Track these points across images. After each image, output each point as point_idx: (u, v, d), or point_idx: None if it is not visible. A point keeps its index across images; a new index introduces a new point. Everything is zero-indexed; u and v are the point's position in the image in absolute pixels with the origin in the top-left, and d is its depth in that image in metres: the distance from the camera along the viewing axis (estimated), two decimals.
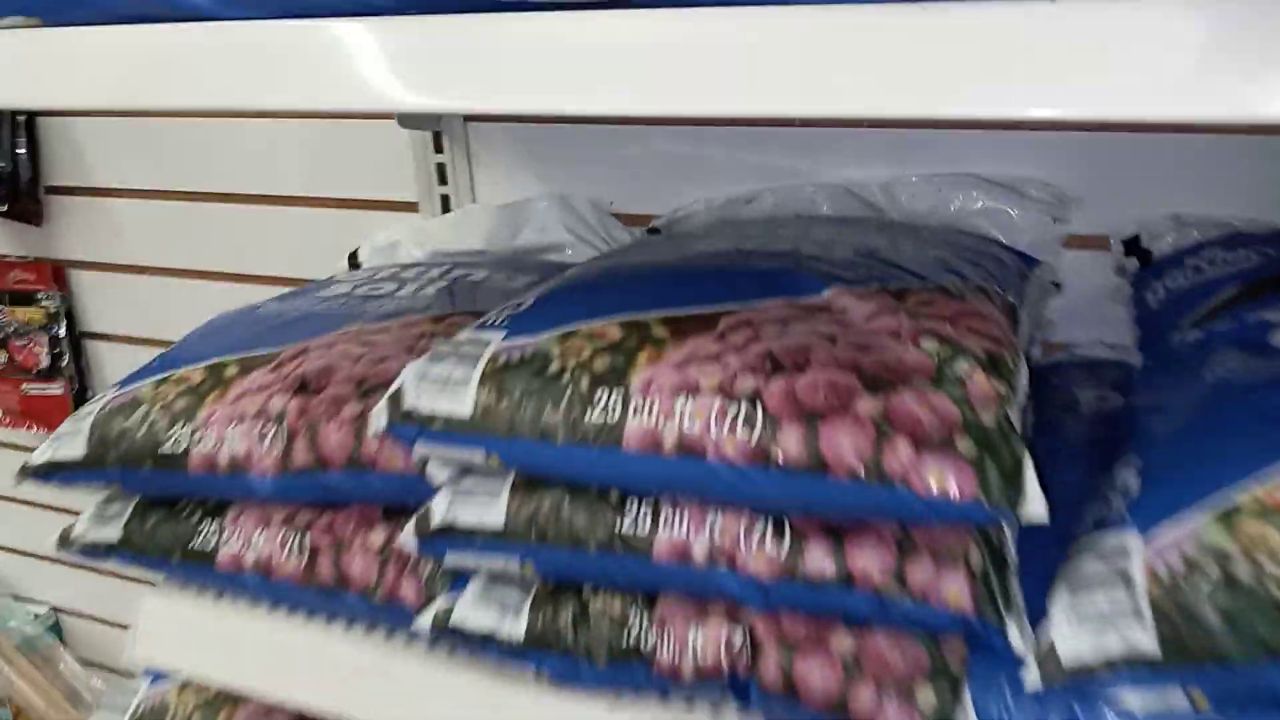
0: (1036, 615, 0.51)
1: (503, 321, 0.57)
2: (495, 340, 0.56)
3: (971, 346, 0.51)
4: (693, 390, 0.50)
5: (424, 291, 0.77)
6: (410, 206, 1.03)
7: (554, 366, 0.53)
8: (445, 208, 1.01)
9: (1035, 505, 0.44)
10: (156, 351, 0.74)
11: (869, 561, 0.48)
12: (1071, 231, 0.82)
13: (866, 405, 0.48)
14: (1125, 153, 0.81)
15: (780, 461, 0.47)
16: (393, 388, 0.55)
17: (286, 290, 0.83)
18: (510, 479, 0.55)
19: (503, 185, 1.00)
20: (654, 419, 0.50)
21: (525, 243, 0.93)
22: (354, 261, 0.99)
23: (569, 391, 0.52)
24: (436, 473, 0.57)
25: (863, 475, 0.46)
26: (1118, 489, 0.51)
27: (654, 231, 0.90)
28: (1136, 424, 0.56)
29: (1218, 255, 0.72)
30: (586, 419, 0.51)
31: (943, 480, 0.45)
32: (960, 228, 0.81)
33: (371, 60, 0.43)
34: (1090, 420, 0.71)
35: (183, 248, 1.21)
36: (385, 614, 0.62)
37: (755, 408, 0.48)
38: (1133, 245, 0.79)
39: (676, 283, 0.59)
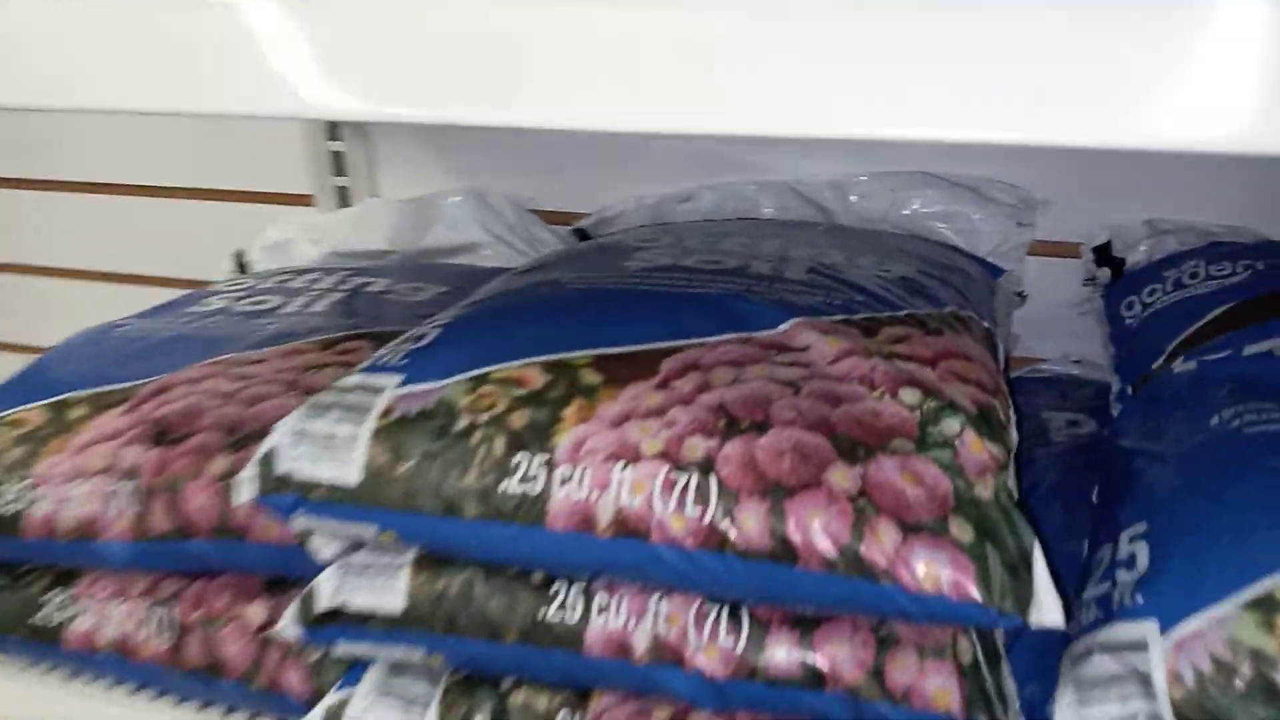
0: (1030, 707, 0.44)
1: (400, 361, 0.48)
2: (390, 387, 0.46)
3: (958, 397, 0.43)
4: (632, 456, 0.41)
5: (315, 306, 0.66)
6: (303, 200, 0.92)
7: (462, 423, 0.44)
8: (344, 201, 0.90)
9: (1049, 608, 0.36)
10: (19, 362, 0.63)
11: (842, 656, 0.41)
12: (1037, 237, 0.75)
13: (841, 476, 0.39)
14: (1095, 151, 0.74)
15: (738, 546, 0.39)
16: (263, 448, 0.45)
17: (162, 302, 0.72)
18: (412, 554, 0.46)
19: (409, 177, 0.89)
20: (586, 491, 0.41)
21: (435, 242, 0.83)
22: (240, 262, 0.88)
23: (481, 455, 0.42)
24: (322, 547, 0.47)
25: (839, 566, 0.38)
26: (1121, 560, 0.44)
27: (581, 234, 0.81)
28: (1132, 474, 0.50)
29: (1199, 268, 0.65)
30: (503, 490, 0.42)
31: (935, 574, 0.37)
32: (918, 233, 0.74)
33: (292, 54, 0.33)
34: (1064, 452, 0.64)
35: (51, 243, 1.07)
36: (267, 704, 0.52)
37: (708, 478, 0.40)
38: (1104, 253, 0.72)
39: (610, 312, 0.50)
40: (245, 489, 0.45)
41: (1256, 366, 0.51)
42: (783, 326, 0.48)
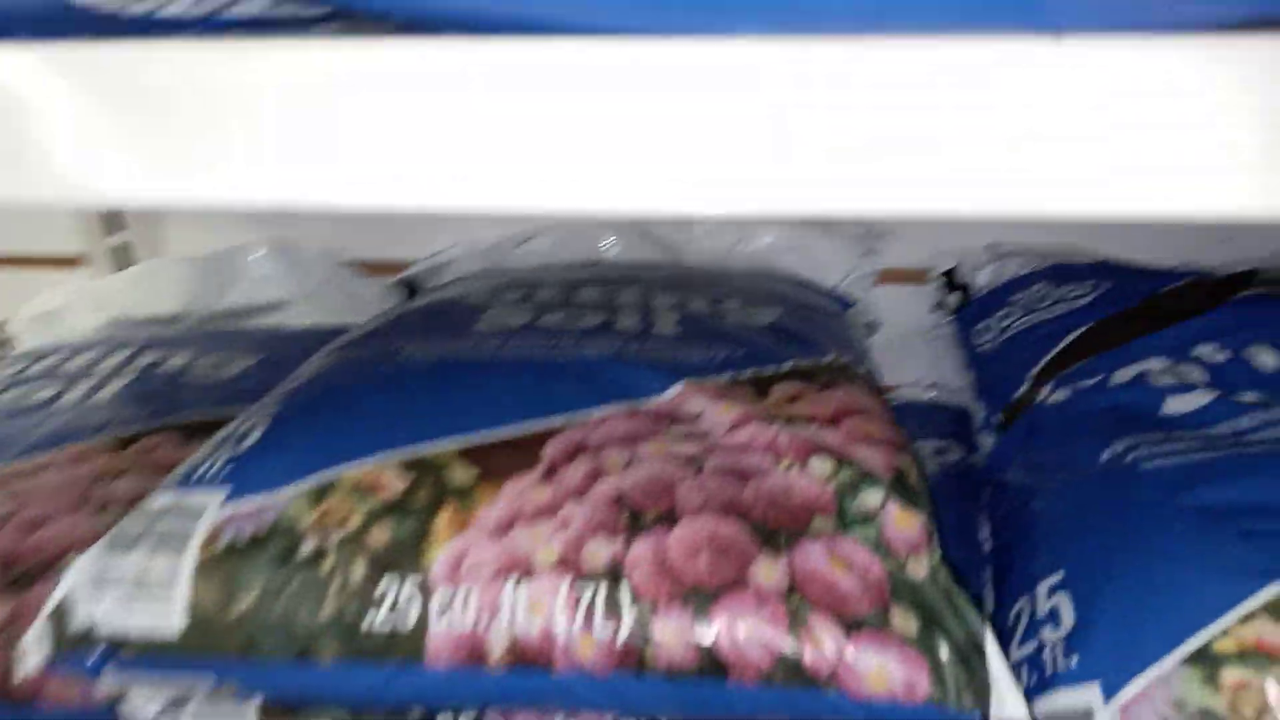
0: None
1: (220, 470, 0.39)
2: (212, 506, 0.38)
3: (871, 463, 0.40)
4: (525, 569, 0.35)
5: (100, 394, 0.56)
6: (74, 262, 0.79)
7: (308, 545, 0.36)
8: (124, 262, 0.78)
9: (1010, 701, 0.33)
10: None
11: None
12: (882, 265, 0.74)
13: (767, 571, 0.35)
14: None
15: (660, 666, 0.34)
16: (52, 600, 0.36)
17: None
18: (258, 701, 0.38)
19: (202, 231, 0.78)
20: (471, 618, 0.34)
21: (236, 303, 0.73)
22: (1, 339, 0.74)
23: (337, 585, 0.35)
24: (141, 706, 0.38)
25: (777, 677, 0.33)
26: (1043, 616, 0.42)
27: (407, 286, 0.73)
28: (1031, 515, 0.48)
29: (1047, 291, 0.66)
30: (368, 625, 0.35)
31: (884, 675, 0.33)
32: (766, 269, 0.71)
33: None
34: (938, 484, 0.62)
35: None
36: None
37: (618, 588, 0.34)
38: (951, 279, 0.72)
39: (471, 389, 0.43)
40: (33, 654, 0.36)
41: (1131, 393, 0.51)
42: (670, 392, 0.43)
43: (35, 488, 0.46)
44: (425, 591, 0.35)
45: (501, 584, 0.34)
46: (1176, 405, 0.48)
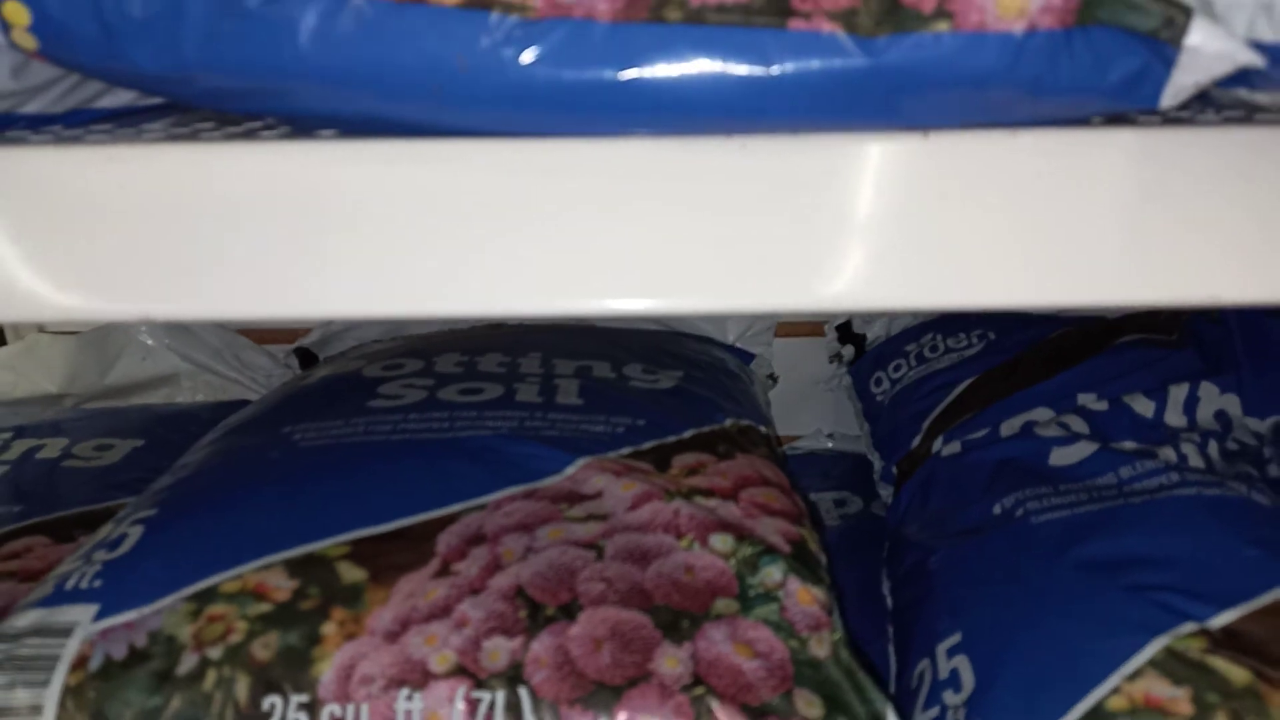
0: None
1: (91, 582, 0.37)
2: (82, 624, 0.35)
3: (770, 535, 0.40)
4: (420, 678, 0.34)
5: None
6: None
7: (188, 662, 0.34)
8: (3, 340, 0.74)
9: None
10: None
11: None
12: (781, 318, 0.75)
13: (671, 662, 0.34)
14: None
15: None
16: None
17: None
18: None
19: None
20: None
21: (122, 379, 0.70)
22: None
23: (219, 706, 0.33)
24: None
25: None
26: (944, 680, 0.42)
27: (304, 355, 0.71)
28: (928, 573, 0.48)
29: (938, 341, 0.67)
30: None
31: None
32: (671, 326, 0.71)
33: None
34: (840, 538, 0.63)
35: None
36: None
37: (518, 692, 0.33)
38: (846, 330, 0.73)
39: (362, 477, 0.42)
40: None
41: (1019, 446, 0.52)
42: (569, 470, 0.43)
43: None
44: (313, 710, 0.33)
45: (395, 697, 0.33)
46: (1061, 456, 0.50)
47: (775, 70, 0.23)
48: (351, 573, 0.37)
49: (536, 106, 0.24)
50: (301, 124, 0.28)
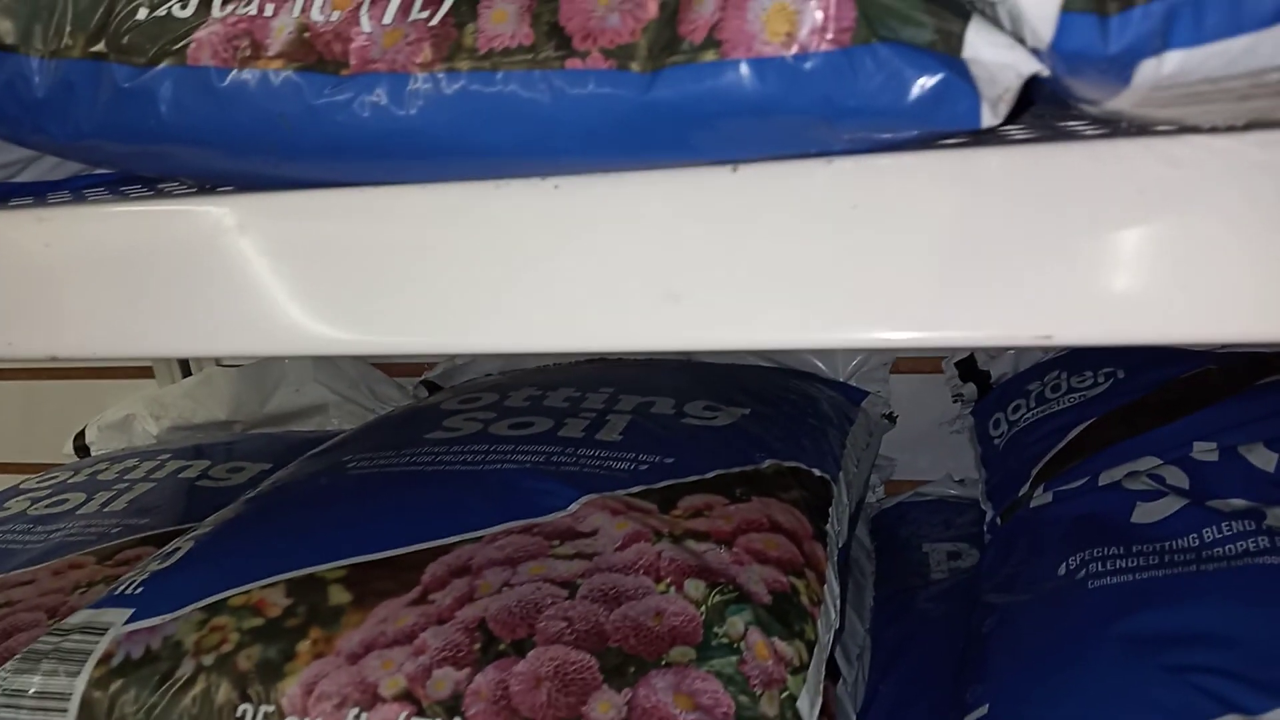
0: None
1: (135, 590, 0.42)
2: (116, 625, 0.40)
3: (751, 583, 0.38)
4: (369, 700, 0.35)
5: (114, 504, 0.60)
6: (145, 372, 0.86)
7: (185, 668, 0.38)
8: (186, 371, 0.85)
9: None
10: None
11: None
12: (903, 354, 0.71)
13: (604, 708, 0.34)
14: None
15: None
16: None
17: None
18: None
19: None
20: None
21: (278, 408, 0.77)
22: (80, 444, 0.82)
23: (202, 711, 0.36)
24: None
25: None
26: None
27: (429, 387, 0.76)
28: (982, 638, 0.44)
29: (1061, 380, 0.61)
30: None
31: None
32: (782, 363, 0.69)
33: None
34: (944, 593, 0.59)
35: None
36: None
37: None
38: (968, 368, 0.68)
39: (377, 506, 0.44)
40: None
41: (1104, 499, 0.46)
42: (572, 507, 0.43)
43: (21, 598, 0.50)
44: None
45: (344, 716, 0.35)
46: (1144, 513, 0.44)
47: (559, 110, 0.23)
48: (339, 595, 0.39)
49: (354, 156, 0.25)
50: (200, 182, 0.30)
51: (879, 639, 0.56)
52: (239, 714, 0.36)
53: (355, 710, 0.35)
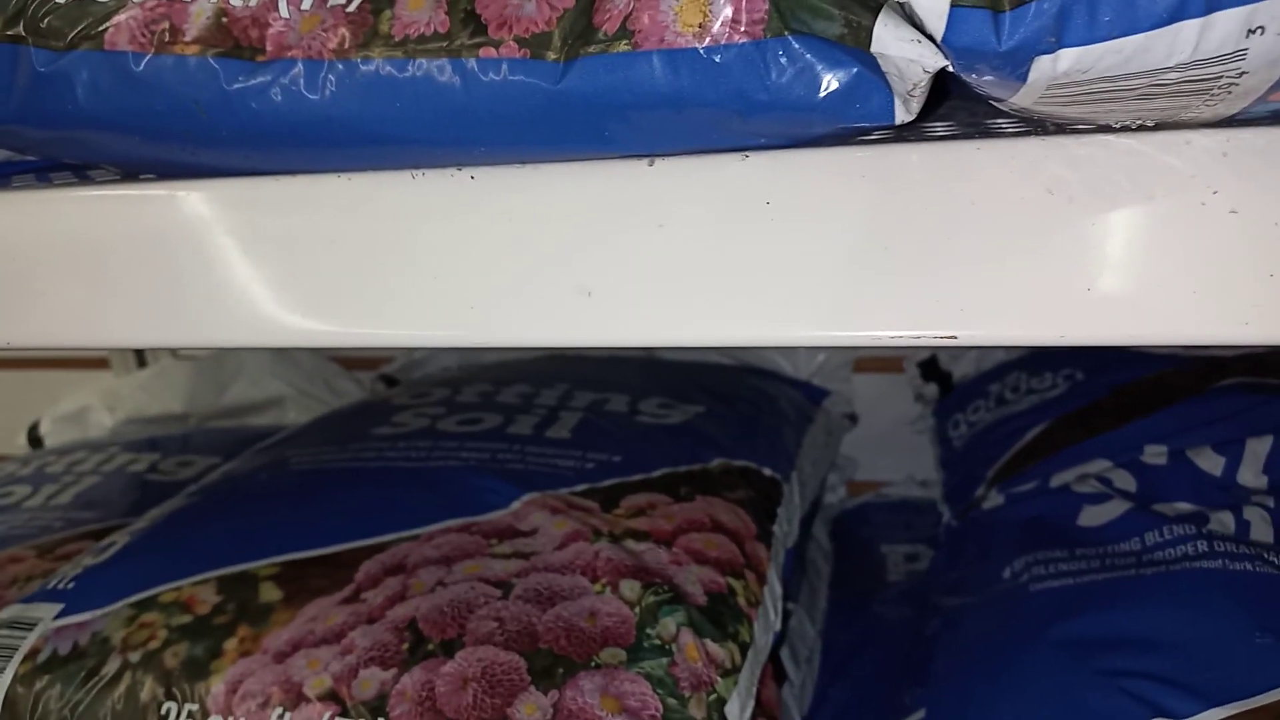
0: None
1: (66, 585, 0.41)
2: (45, 619, 0.39)
3: (688, 584, 0.38)
4: (294, 699, 0.35)
5: (60, 497, 0.59)
6: (100, 364, 0.85)
7: (113, 664, 0.37)
8: (142, 363, 0.84)
9: None
10: None
11: None
12: (866, 353, 0.71)
13: (530, 710, 0.33)
14: None
15: None
16: None
17: None
18: None
19: None
20: None
21: (235, 401, 0.76)
22: (34, 436, 0.81)
23: (124, 707, 0.36)
24: None
25: None
26: None
27: (387, 380, 0.75)
28: (926, 641, 0.44)
29: (1022, 381, 0.61)
30: None
31: None
32: (743, 362, 0.69)
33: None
34: (899, 596, 0.59)
35: None
36: None
37: None
38: (930, 368, 0.68)
39: (315, 502, 0.44)
40: None
41: (1052, 502, 0.46)
42: (513, 505, 0.43)
43: None
44: (203, 718, 0.35)
45: (268, 715, 0.34)
46: (1090, 516, 0.44)
47: (473, 98, 0.22)
48: (270, 593, 0.38)
49: (269, 144, 0.24)
50: (123, 169, 0.30)
51: (831, 642, 0.55)
52: (163, 712, 0.35)
53: (279, 710, 0.34)
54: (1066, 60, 0.17)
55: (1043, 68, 0.17)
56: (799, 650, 0.51)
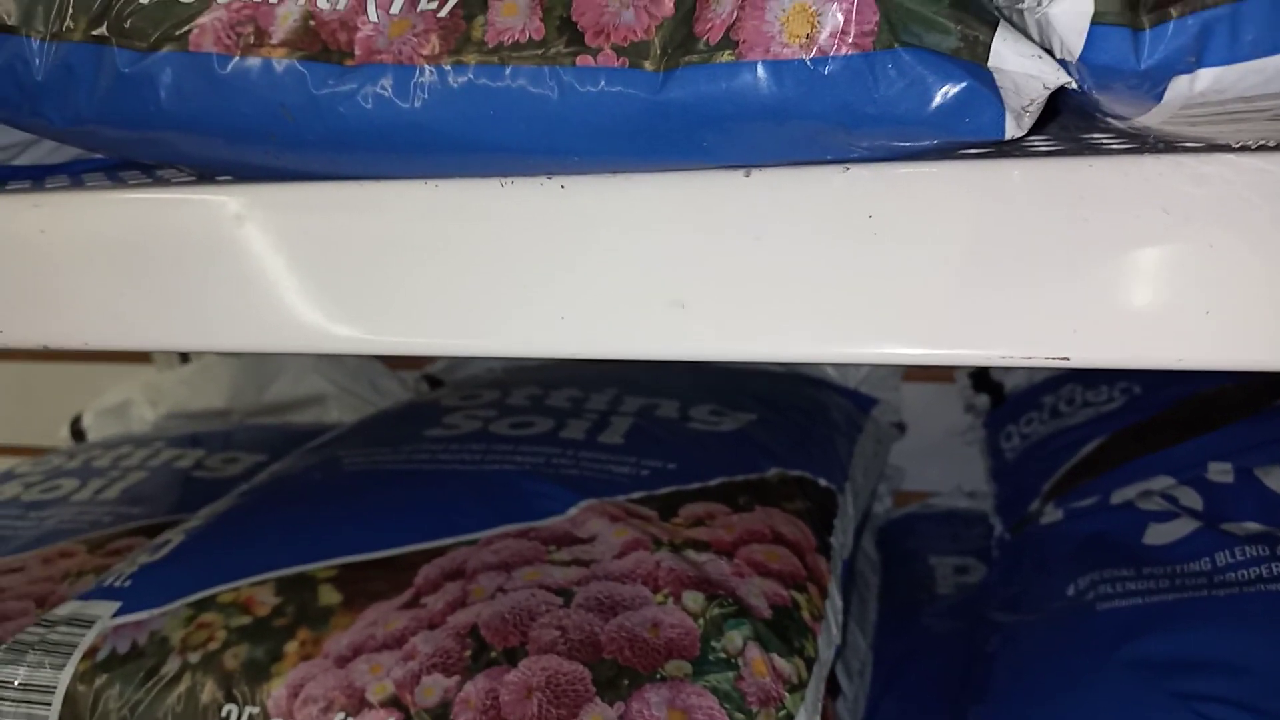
0: None
1: (123, 583, 0.41)
2: (103, 618, 0.39)
3: (751, 597, 0.37)
4: (356, 705, 0.34)
5: (107, 492, 0.60)
6: (142, 357, 0.86)
7: (172, 664, 0.37)
8: (185, 357, 0.84)
9: None
10: None
11: None
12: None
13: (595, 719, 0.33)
14: None
15: None
16: None
17: None
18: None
19: None
20: None
21: (277, 398, 0.77)
22: (76, 429, 0.81)
23: (185, 708, 0.36)
24: None
25: None
26: None
27: (431, 381, 0.75)
28: (986, 659, 0.43)
29: (1076, 394, 0.60)
30: None
31: None
32: (792, 369, 0.68)
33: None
34: (950, 609, 0.58)
35: None
36: None
37: None
38: (981, 379, 0.67)
39: (372, 504, 0.43)
40: None
41: (1116, 519, 0.45)
42: (571, 511, 0.42)
43: (11, 585, 0.50)
44: None
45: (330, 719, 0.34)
46: (1157, 534, 0.43)
47: (568, 108, 0.22)
48: (329, 595, 0.38)
49: (357, 149, 0.24)
50: (198, 170, 0.30)
51: (881, 654, 0.55)
52: (224, 714, 0.35)
53: (341, 715, 0.34)
54: (1205, 80, 0.16)
55: (1180, 88, 0.16)
56: (851, 663, 0.50)
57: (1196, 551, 0.41)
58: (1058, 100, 0.21)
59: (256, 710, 0.35)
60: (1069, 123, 0.25)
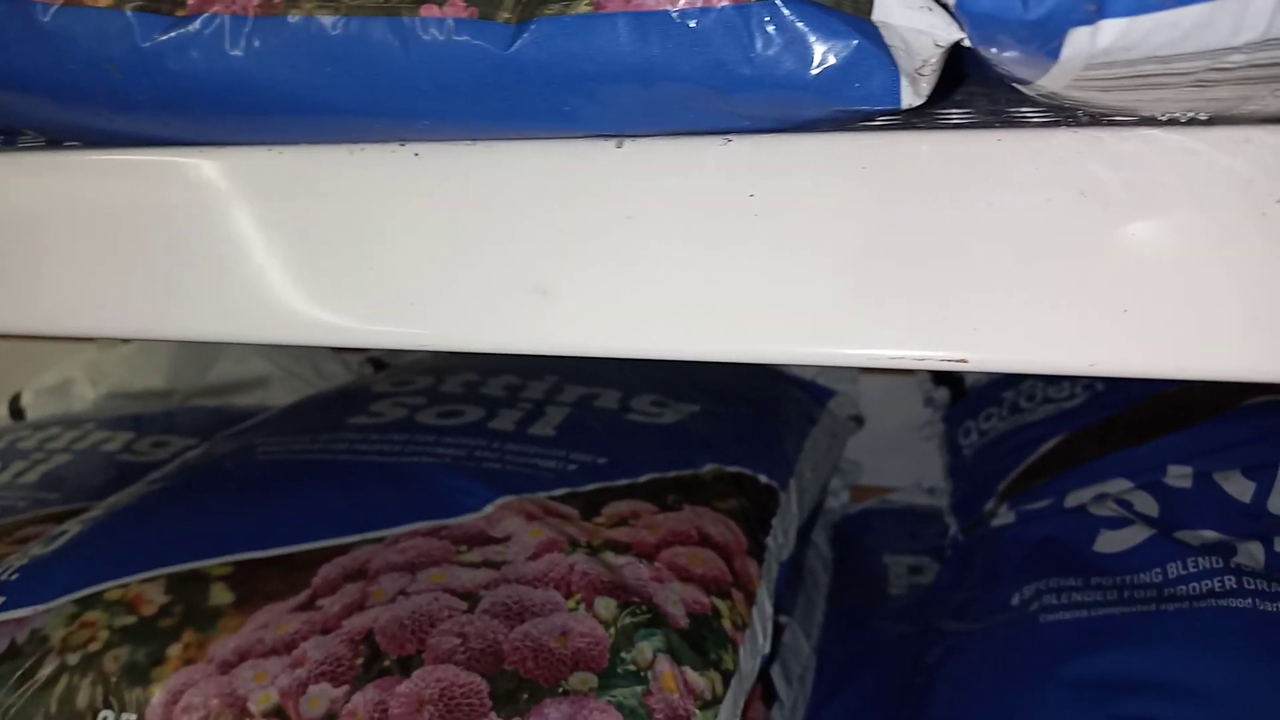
0: None
1: (12, 574, 0.38)
2: None
3: (669, 604, 0.35)
4: (236, 714, 0.32)
5: (27, 476, 0.57)
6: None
7: (49, 666, 0.34)
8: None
9: None
10: None
11: None
12: None
13: None
14: None
15: None
16: None
17: None
18: None
19: None
20: None
21: (219, 379, 0.74)
22: (15, 408, 0.78)
23: (59, 714, 0.33)
24: None
25: None
26: None
27: (376, 364, 0.73)
28: (927, 670, 0.41)
29: (1038, 389, 0.58)
30: None
31: None
32: None
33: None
34: (901, 610, 0.56)
35: None
36: None
37: None
38: (942, 371, 0.64)
39: (277, 498, 0.41)
40: None
41: (1067, 524, 0.43)
42: (487, 509, 0.40)
43: None
44: None
45: None
46: (1108, 542, 0.41)
47: (413, 62, 0.19)
48: (221, 595, 0.36)
49: (188, 109, 0.22)
50: (46, 134, 0.27)
51: (827, 658, 0.53)
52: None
53: None
54: (1108, 34, 0.13)
55: (1079, 43, 0.13)
56: (791, 668, 0.48)
57: (1148, 561, 0.39)
58: (970, 65, 0.19)
59: (133, 717, 0.32)
60: (990, 93, 0.22)
